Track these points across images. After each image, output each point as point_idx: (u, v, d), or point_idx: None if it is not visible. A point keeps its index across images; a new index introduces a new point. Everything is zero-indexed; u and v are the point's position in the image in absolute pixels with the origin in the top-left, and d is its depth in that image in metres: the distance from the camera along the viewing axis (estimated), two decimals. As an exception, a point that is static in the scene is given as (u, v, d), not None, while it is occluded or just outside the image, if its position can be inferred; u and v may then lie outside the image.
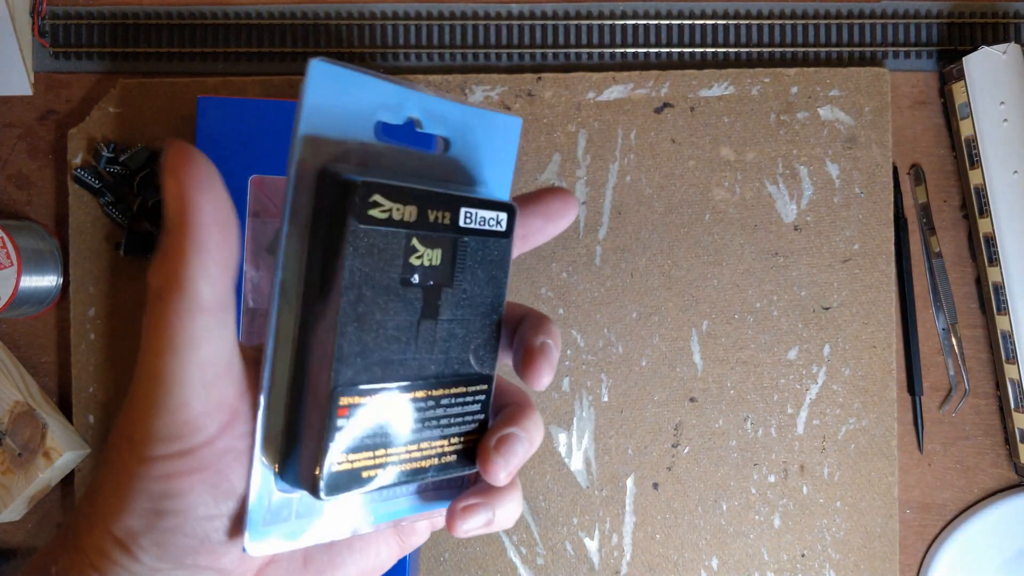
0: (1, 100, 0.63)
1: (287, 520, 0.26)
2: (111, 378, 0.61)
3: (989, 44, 0.59)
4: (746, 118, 0.61)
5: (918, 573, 0.61)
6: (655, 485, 0.60)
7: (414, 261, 0.27)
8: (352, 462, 0.26)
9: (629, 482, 0.60)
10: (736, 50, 0.63)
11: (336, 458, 0.25)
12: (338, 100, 0.26)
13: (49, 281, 0.61)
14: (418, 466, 0.27)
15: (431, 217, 0.27)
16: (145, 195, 0.60)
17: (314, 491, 0.25)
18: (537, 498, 0.60)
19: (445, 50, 0.63)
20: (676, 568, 0.60)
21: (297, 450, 0.26)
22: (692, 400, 0.60)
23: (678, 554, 0.60)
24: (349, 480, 0.26)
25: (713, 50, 0.63)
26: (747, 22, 0.63)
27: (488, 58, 0.63)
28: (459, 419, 0.28)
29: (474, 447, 0.29)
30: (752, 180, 0.61)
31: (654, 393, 0.60)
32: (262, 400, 0.26)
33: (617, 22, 0.63)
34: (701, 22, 0.63)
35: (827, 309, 0.61)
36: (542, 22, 0.63)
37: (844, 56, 0.63)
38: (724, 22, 0.63)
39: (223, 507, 0.25)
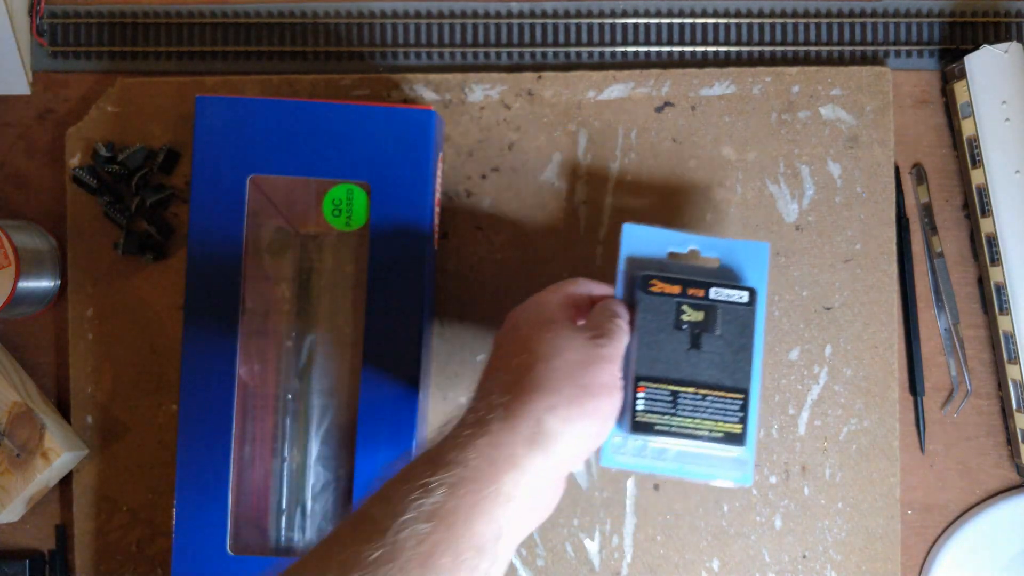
0: (-1, 99, 0.63)
1: (640, 455, 0.46)
2: (109, 378, 0.61)
3: (991, 43, 0.59)
4: (747, 117, 0.61)
5: (920, 574, 0.61)
6: (656, 486, 0.60)
7: (685, 317, 0.46)
8: (648, 417, 0.45)
9: (630, 483, 0.60)
10: (737, 49, 0.63)
11: (639, 415, 0.44)
12: (643, 241, 0.49)
13: (47, 281, 0.60)
14: (694, 432, 0.45)
15: (689, 291, 0.46)
16: (144, 195, 0.60)
17: (631, 430, 0.45)
18: (537, 499, 0.60)
19: (445, 49, 0.63)
20: (677, 569, 0.60)
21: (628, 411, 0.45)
22: (693, 400, 0.60)
23: (679, 555, 0.60)
24: (647, 428, 0.44)
25: (714, 49, 0.63)
26: (748, 21, 0.63)
27: (488, 57, 0.63)
28: (721, 412, 0.45)
29: (734, 435, 0.45)
30: (753, 180, 0.61)
31: (655, 393, 0.60)
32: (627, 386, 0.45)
33: (618, 21, 0.63)
34: (702, 21, 0.63)
35: (829, 309, 0.61)
36: (542, 20, 0.63)
37: (846, 55, 0.63)
38: (725, 21, 0.63)
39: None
